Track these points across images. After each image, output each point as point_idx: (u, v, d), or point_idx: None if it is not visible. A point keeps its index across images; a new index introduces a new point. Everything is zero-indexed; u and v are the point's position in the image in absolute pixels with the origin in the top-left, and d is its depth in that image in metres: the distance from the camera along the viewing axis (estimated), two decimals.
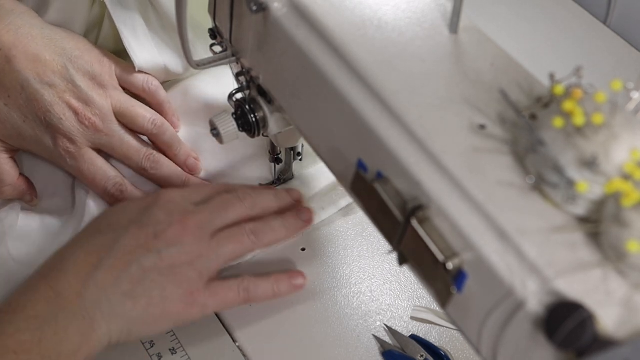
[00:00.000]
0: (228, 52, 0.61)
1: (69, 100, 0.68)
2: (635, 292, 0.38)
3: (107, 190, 0.69)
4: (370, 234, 0.73)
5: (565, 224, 0.40)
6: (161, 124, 0.72)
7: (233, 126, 0.62)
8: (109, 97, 0.70)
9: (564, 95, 0.42)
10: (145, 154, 0.71)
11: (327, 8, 0.52)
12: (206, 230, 0.61)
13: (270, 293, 0.64)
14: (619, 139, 0.39)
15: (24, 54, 0.67)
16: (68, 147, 0.68)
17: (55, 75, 0.68)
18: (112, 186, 0.69)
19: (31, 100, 0.67)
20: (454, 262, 0.42)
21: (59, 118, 0.67)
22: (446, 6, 0.52)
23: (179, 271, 0.58)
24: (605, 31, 0.87)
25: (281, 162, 0.74)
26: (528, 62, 0.50)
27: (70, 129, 0.68)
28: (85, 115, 0.68)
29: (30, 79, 0.67)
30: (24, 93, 0.67)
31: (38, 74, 0.67)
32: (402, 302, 0.68)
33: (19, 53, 0.67)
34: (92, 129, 0.69)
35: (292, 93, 0.55)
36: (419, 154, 0.45)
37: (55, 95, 0.68)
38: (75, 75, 0.69)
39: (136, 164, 0.71)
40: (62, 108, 0.68)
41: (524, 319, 0.39)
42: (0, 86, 0.67)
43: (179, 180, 0.72)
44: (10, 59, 0.67)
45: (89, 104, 0.68)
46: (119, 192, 0.69)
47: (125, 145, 0.70)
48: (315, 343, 0.65)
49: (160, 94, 0.74)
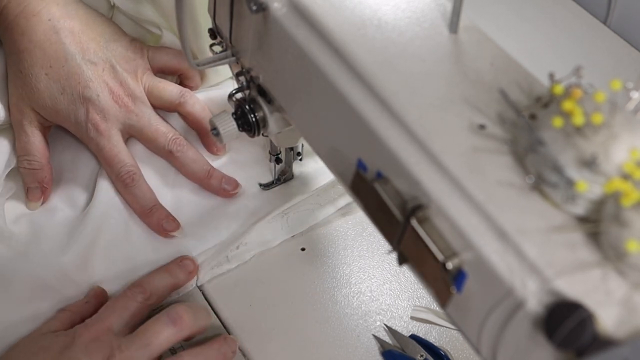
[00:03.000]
0: (228, 52, 0.61)
1: (107, 79, 0.71)
2: (635, 292, 0.38)
3: (120, 175, 0.70)
4: (370, 234, 0.73)
5: (565, 223, 0.40)
6: (190, 96, 0.74)
7: (233, 126, 0.62)
8: (140, 79, 0.73)
9: (563, 95, 0.42)
10: (172, 137, 0.72)
11: (327, 8, 0.52)
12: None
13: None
14: (618, 139, 0.39)
15: (70, 28, 0.71)
16: (98, 123, 0.70)
17: (96, 55, 0.71)
18: (125, 172, 0.70)
19: (72, 73, 0.70)
20: (454, 262, 0.42)
21: (96, 94, 0.70)
22: (446, 6, 0.52)
23: None
24: (605, 31, 0.87)
25: (281, 162, 0.74)
26: (528, 62, 0.50)
27: (104, 105, 0.70)
28: (119, 95, 0.71)
29: (75, 53, 0.70)
30: (66, 65, 0.70)
31: (81, 50, 0.71)
32: (402, 302, 0.68)
33: (66, 26, 0.71)
34: (125, 109, 0.71)
35: (292, 93, 0.55)
36: (419, 154, 0.45)
37: (95, 73, 0.71)
38: (113, 58, 0.72)
39: (162, 146, 0.72)
40: (100, 85, 0.71)
41: (523, 318, 0.39)
42: (44, 55, 0.70)
43: (203, 169, 0.72)
44: (57, 30, 0.70)
45: (123, 85, 0.72)
46: (130, 179, 0.70)
47: (154, 127, 0.72)
48: (315, 343, 0.65)
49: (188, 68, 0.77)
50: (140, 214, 0.71)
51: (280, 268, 0.70)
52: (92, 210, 0.70)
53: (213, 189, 0.73)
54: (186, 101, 0.74)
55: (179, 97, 0.74)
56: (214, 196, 0.73)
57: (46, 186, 0.71)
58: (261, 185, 0.75)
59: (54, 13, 0.71)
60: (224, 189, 0.73)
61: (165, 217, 0.70)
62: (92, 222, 0.69)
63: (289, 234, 0.73)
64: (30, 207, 0.71)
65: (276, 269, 0.70)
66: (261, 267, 0.71)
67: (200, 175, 0.73)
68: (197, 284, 0.69)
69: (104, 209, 0.70)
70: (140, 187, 0.71)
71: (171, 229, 0.70)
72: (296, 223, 0.73)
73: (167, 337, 0.59)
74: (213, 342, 0.62)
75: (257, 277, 0.70)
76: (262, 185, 0.75)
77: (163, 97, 0.74)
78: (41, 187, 0.71)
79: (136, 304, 0.62)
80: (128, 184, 0.70)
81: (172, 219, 0.70)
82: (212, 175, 0.73)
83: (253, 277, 0.70)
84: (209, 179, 0.73)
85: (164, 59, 0.76)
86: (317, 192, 0.73)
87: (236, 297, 0.68)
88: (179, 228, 0.70)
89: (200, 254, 0.70)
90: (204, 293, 0.69)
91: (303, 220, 0.73)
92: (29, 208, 0.71)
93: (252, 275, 0.70)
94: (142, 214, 0.71)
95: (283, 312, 0.67)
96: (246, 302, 0.68)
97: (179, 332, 0.60)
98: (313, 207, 0.74)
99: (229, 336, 0.64)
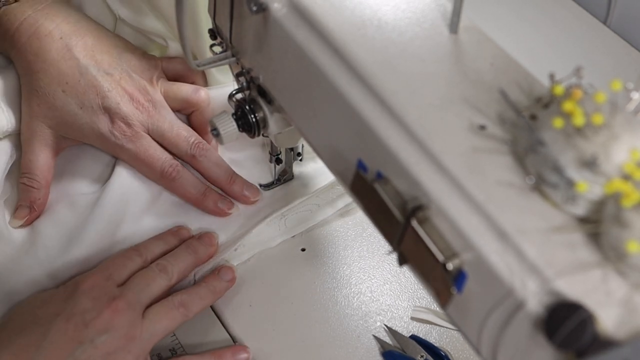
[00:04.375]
0: (228, 52, 0.61)
1: (125, 86, 0.71)
2: (635, 292, 0.38)
3: (165, 171, 0.71)
4: (370, 234, 0.73)
5: (565, 224, 0.40)
6: (206, 95, 0.75)
7: (233, 126, 0.62)
8: (157, 85, 0.74)
9: (563, 96, 0.42)
10: (195, 141, 0.72)
11: (327, 8, 0.51)
12: (136, 310, 0.60)
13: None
14: (618, 139, 0.39)
15: (83, 43, 0.71)
16: (125, 130, 0.70)
17: (111, 66, 0.72)
18: (168, 166, 0.71)
19: (89, 86, 0.70)
20: (454, 262, 0.42)
21: (116, 102, 0.70)
22: (446, 6, 0.52)
23: (115, 357, 0.58)
24: (605, 31, 0.87)
25: (281, 162, 0.74)
26: (528, 62, 0.50)
27: (127, 113, 0.70)
28: (139, 100, 0.71)
29: (90, 66, 0.71)
30: (82, 79, 0.70)
31: (96, 63, 0.71)
32: (402, 302, 0.68)
33: (78, 42, 0.71)
34: (146, 114, 0.71)
35: (292, 93, 0.55)
36: (419, 154, 0.45)
37: (112, 82, 0.71)
38: (128, 68, 0.73)
39: (185, 151, 0.72)
40: (120, 93, 0.71)
41: (523, 319, 0.39)
42: (60, 73, 0.70)
43: (225, 173, 0.73)
44: (70, 47, 0.71)
45: (142, 92, 0.72)
46: (176, 172, 0.71)
47: (175, 131, 0.72)
48: (315, 343, 0.65)
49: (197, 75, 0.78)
50: (196, 202, 0.72)
51: (280, 268, 0.70)
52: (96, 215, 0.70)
53: (234, 195, 0.73)
54: (198, 100, 0.75)
55: (194, 96, 0.74)
56: None
57: (36, 208, 0.70)
58: (261, 185, 0.75)
59: (65, 31, 0.71)
60: (244, 195, 0.73)
61: (220, 198, 0.72)
62: (93, 225, 0.69)
63: (287, 235, 0.73)
64: (12, 223, 0.70)
65: (276, 269, 0.70)
66: (261, 267, 0.71)
67: (223, 180, 0.73)
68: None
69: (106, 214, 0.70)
70: (186, 176, 0.71)
71: (229, 208, 0.72)
72: (294, 224, 0.73)
73: (159, 284, 0.63)
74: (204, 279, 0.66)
75: (257, 277, 0.70)
76: (262, 186, 0.75)
77: (178, 96, 0.74)
78: (30, 208, 0.70)
79: (133, 263, 0.64)
80: (175, 177, 0.71)
81: (224, 198, 0.72)
82: (235, 181, 0.73)
83: (253, 277, 0.70)
84: (231, 184, 0.73)
85: (178, 67, 0.77)
86: (316, 194, 0.73)
87: (236, 297, 0.68)
88: (234, 205, 0.72)
89: None
90: None
91: (301, 221, 0.73)
92: (10, 224, 0.70)
93: (252, 275, 0.70)
94: (197, 201, 0.72)
95: (283, 312, 0.67)
96: (246, 302, 0.68)
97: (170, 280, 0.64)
98: (312, 207, 0.74)
99: (224, 267, 0.67)
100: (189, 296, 0.63)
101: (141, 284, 0.62)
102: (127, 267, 0.64)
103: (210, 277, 0.66)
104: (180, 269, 0.65)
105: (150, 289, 0.62)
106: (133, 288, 0.61)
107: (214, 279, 0.66)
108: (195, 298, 0.64)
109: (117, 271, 0.63)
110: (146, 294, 0.62)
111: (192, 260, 0.67)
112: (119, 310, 0.59)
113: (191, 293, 0.64)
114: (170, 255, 0.66)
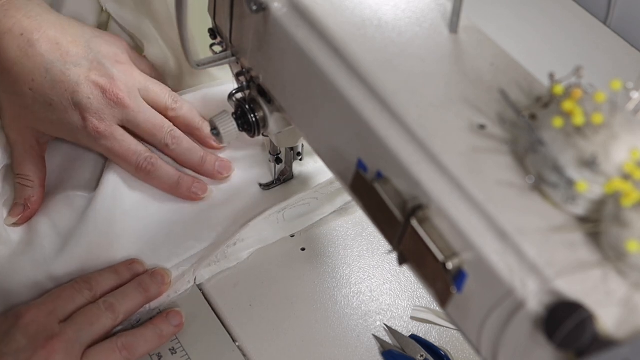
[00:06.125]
0: (228, 52, 0.61)
1: (95, 78, 0.69)
2: (635, 292, 0.38)
3: (140, 165, 0.70)
4: (370, 234, 0.73)
5: (565, 223, 0.40)
6: (182, 101, 0.74)
7: (233, 126, 0.62)
8: (129, 73, 0.71)
9: (563, 95, 0.42)
10: (168, 129, 0.72)
11: (327, 8, 0.52)
12: (74, 351, 0.58)
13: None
14: (618, 139, 0.39)
15: (45, 37, 0.68)
16: (97, 126, 0.69)
17: (78, 56, 0.69)
18: (143, 160, 0.70)
19: (56, 82, 0.68)
20: (454, 262, 0.42)
21: (87, 97, 0.68)
22: (446, 6, 0.52)
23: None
24: (605, 31, 0.87)
25: (281, 162, 0.74)
26: (528, 62, 0.50)
27: (98, 108, 0.68)
28: (112, 91, 0.69)
29: (55, 60, 0.68)
30: (48, 76, 0.68)
31: (61, 56, 0.68)
32: (402, 302, 0.68)
33: (41, 37, 0.68)
34: (120, 106, 0.69)
35: (292, 93, 0.55)
36: (419, 154, 0.45)
37: (81, 75, 0.68)
38: (98, 54, 0.70)
39: (159, 140, 0.72)
40: (89, 87, 0.68)
41: (523, 319, 0.39)
42: (24, 70, 0.68)
43: (197, 157, 0.73)
44: (33, 42, 0.68)
45: (114, 80, 0.69)
46: (151, 166, 0.70)
47: (150, 121, 0.71)
48: (315, 343, 0.65)
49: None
50: (170, 191, 0.72)
51: (280, 268, 0.70)
52: (90, 214, 0.70)
53: (208, 174, 0.73)
54: (176, 107, 0.73)
55: (171, 103, 0.73)
56: (212, 196, 0.73)
57: (30, 207, 0.70)
58: (261, 185, 0.75)
59: (26, 27, 0.68)
60: (217, 172, 0.73)
61: (192, 182, 0.72)
62: (90, 225, 0.69)
63: (285, 230, 0.73)
64: (7, 221, 0.70)
65: (276, 269, 0.70)
66: (261, 267, 0.71)
67: (195, 163, 0.73)
68: (195, 282, 0.69)
69: (102, 214, 0.70)
70: (161, 168, 0.71)
71: (203, 192, 0.72)
72: (293, 217, 0.73)
73: (103, 324, 0.61)
74: (151, 321, 0.64)
75: (257, 277, 0.70)
76: (262, 185, 0.75)
77: (155, 100, 0.73)
78: (25, 206, 0.70)
79: (81, 297, 0.63)
80: (150, 171, 0.70)
81: (198, 181, 0.72)
82: (206, 161, 0.73)
83: (253, 277, 0.70)
84: (203, 165, 0.73)
85: (141, 67, 0.75)
86: (314, 189, 0.73)
87: (236, 297, 0.68)
88: (207, 189, 0.72)
89: (196, 253, 0.70)
90: (203, 292, 0.69)
91: (300, 215, 0.73)
92: (5, 222, 0.70)
93: (252, 275, 0.70)
94: (171, 190, 0.72)
95: (283, 312, 0.67)
96: (246, 302, 0.68)
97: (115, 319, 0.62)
98: (310, 201, 0.74)
99: (172, 311, 0.65)
100: (134, 338, 0.62)
101: (84, 323, 0.60)
102: (74, 300, 0.62)
103: (158, 320, 0.64)
104: (128, 309, 0.64)
105: (93, 329, 0.60)
106: (74, 326, 0.60)
107: (162, 322, 0.64)
108: (140, 341, 0.62)
109: (63, 305, 0.61)
110: (88, 333, 0.60)
111: (142, 300, 0.65)
112: (55, 351, 0.57)
113: (137, 335, 0.62)
114: (119, 293, 0.64)
